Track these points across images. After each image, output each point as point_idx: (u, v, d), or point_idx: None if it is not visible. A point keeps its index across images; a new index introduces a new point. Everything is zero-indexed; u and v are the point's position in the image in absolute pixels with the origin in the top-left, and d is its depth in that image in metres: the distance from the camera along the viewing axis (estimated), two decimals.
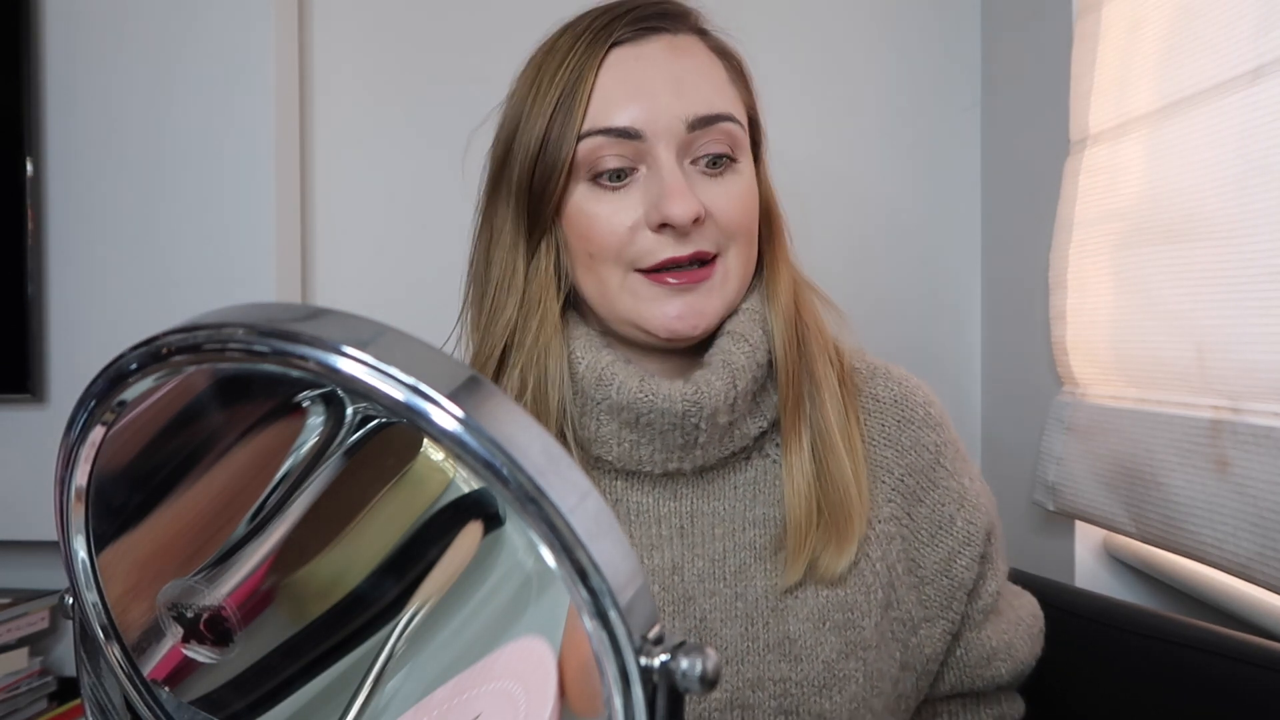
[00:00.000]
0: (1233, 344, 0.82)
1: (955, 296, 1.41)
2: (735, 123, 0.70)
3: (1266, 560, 0.78)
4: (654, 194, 0.67)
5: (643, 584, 0.28)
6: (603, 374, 0.69)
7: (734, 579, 0.71)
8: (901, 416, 0.76)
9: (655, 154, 0.68)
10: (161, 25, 1.35)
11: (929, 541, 0.75)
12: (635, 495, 0.73)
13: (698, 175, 0.69)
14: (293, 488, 0.35)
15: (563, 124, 0.68)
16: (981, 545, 0.76)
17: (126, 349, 0.31)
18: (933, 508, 0.75)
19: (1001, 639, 0.77)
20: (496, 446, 0.27)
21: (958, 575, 0.75)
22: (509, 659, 0.33)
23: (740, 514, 0.73)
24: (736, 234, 0.70)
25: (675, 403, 0.68)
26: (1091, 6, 1.08)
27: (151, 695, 0.38)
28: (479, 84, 1.49)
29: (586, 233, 0.69)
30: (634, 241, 0.68)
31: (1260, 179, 0.78)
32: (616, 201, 0.69)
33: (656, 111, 0.67)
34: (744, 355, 0.70)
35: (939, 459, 0.76)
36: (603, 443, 0.71)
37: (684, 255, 0.68)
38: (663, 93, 0.68)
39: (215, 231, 1.34)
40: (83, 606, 0.37)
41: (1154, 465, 0.93)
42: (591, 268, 0.70)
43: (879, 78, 1.42)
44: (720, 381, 0.69)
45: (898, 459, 0.75)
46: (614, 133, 0.67)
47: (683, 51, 0.70)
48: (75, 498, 0.35)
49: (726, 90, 0.72)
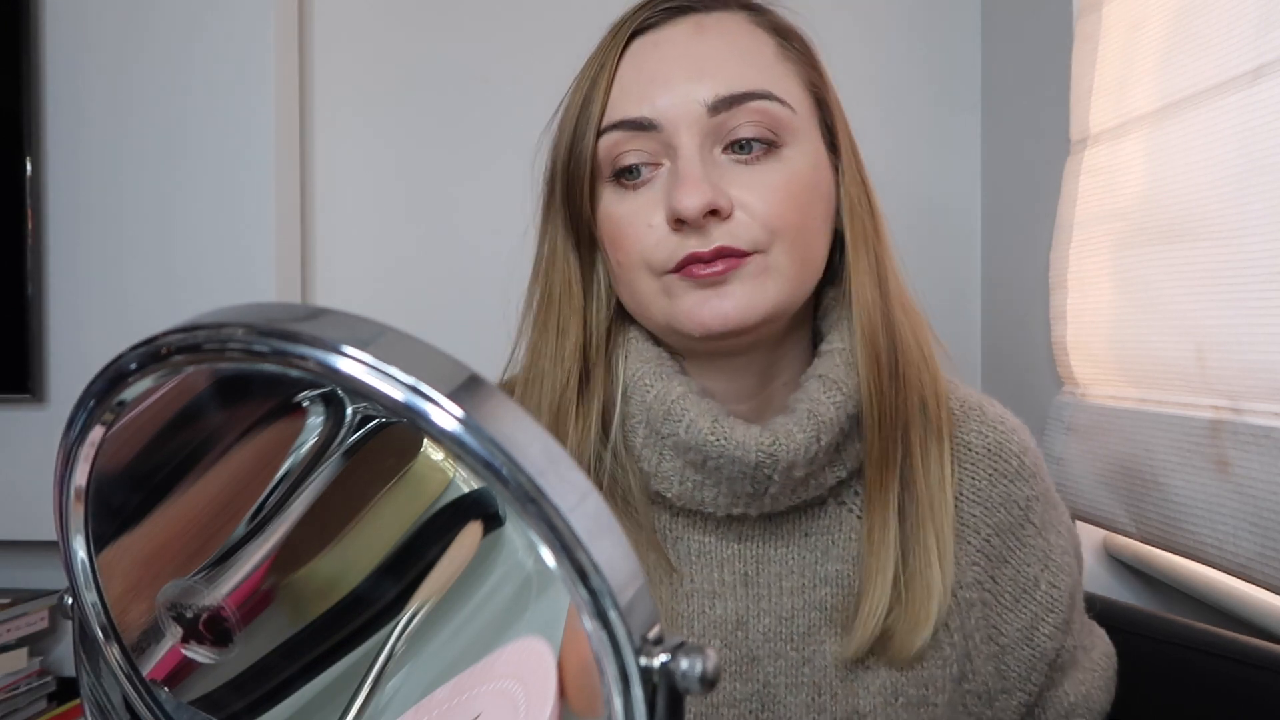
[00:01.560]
0: (1233, 344, 0.82)
1: (955, 296, 1.41)
2: (774, 100, 0.61)
3: (1266, 560, 0.78)
4: (670, 186, 0.61)
5: (643, 584, 0.28)
6: (672, 408, 0.63)
7: (802, 642, 0.65)
8: (994, 469, 0.68)
9: (676, 145, 0.61)
10: (161, 26, 1.35)
11: (1011, 606, 0.68)
12: (697, 535, 0.67)
13: (728, 164, 0.62)
14: (293, 488, 0.35)
15: (584, 122, 0.63)
16: (1065, 611, 0.68)
17: (126, 349, 0.31)
18: (1017, 569, 0.68)
19: (1079, 691, 0.71)
20: (496, 446, 0.27)
21: (1039, 644, 0.68)
22: (509, 659, 0.33)
23: (811, 568, 0.66)
24: (780, 229, 0.61)
25: (749, 452, 0.61)
26: (1091, 6, 1.08)
27: (151, 695, 0.38)
28: (479, 84, 1.49)
29: (613, 238, 0.64)
30: (657, 243, 0.62)
31: (1260, 179, 0.78)
32: (638, 201, 0.63)
33: (673, 98, 0.61)
34: (834, 406, 0.62)
35: (1028, 515, 0.68)
36: (663, 478, 0.65)
37: (706, 251, 0.60)
38: (680, 77, 0.61)
39: (215, 231, 1.34)
40: (82, 606, 0.37)
41: (1154, 465, 0.93)
42: (623, 278, 0.65)
43: (879, 78, 1.42)
44: (803, 435, 0.61)
45: (986, 517, 0.67)
46: (628, 125, 0.62)
47: (710, 29, 0.63)
48: (75, 498, 0.35)
49: (769, 66, 0.63)
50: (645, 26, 0.64)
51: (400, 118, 1.45)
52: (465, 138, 1.45)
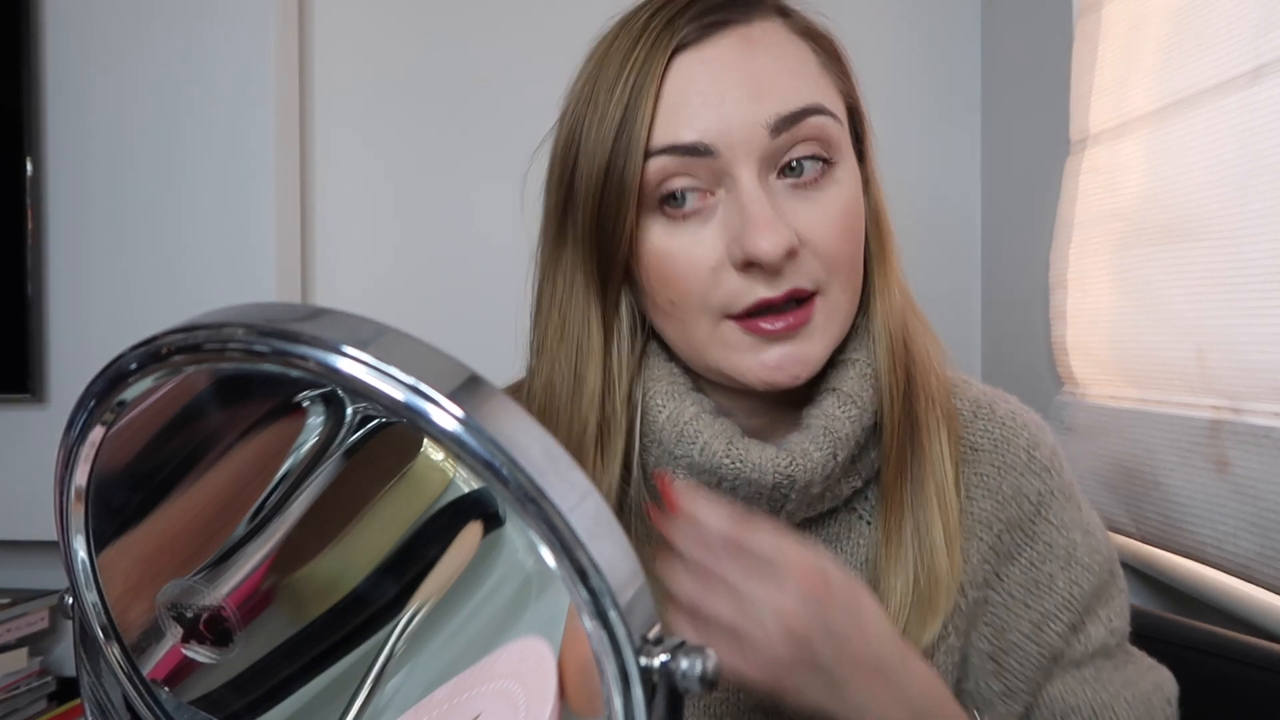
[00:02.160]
0: (1233, 344, 0.82)
1: (955, 296, 1.41)
2: (828, 115, 0.58)
3: (1266, 560, 0.78)
4: (735, 225, 0.56)
5: (643, 584, 0.28)
6: (685, 430, 0.61)
7: None
8: (1002, 463, 0.65)
9: (734, 173, 0.57)
10: (162, 26, 1.35)
11: (1021, 603, 0.65)
12: None
13: (787, 192, 0.58)
14: (293, 488, 0.35)
15: (626, 143, 0.57)
16: (1079, 613, 0.65)
17: (126, 349, 0.31)
18: (1030, 564, 0.65)
19: (1087, 696, 0.64)
20: (496, 446, 0.27)
21: (1048, 643, 0.64)
22: (509, 659, 0.33)
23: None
24: (838, 264, 0.59)
25: (765, 474, 0.59)
26: (1091, 6, 1.08)
27: (151, 695, 0.38)
28: (480, 83, 1.49)
29: (665, 276, 0.59)
30: (719, 284, 0.58)
31: (1261, 179, 0.78)
32: (692, 236, 0.58)
33: (729, 120, 0.56)
34: (850, 422, 0.61)
35: (1041, 510, 0.65)
36: None
37: (778, 296, 0.57)
38: (735, 97, 0.56)
39: (215, 231, 1.34)
40: (82, 606, 0.37)
41: (1154, 465, 0.93)
42: (674, 315, 0.60)
43: (879, 78, 1.42)
44: (820, 453, 0.60)
45: (998, 511, 0.65)
46: (681, 150, 0.56)
47: (757, 43, 0.58)
48: (75, 498, 0.35)
49: (817, 78, 0.60)
50: (687, 42, 0.58)
51: (400, 118, 1.45)
52: (465, 138, 1.45)
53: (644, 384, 0.63)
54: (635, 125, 0.57)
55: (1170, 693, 0.66)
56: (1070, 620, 0.65)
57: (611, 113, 0.58)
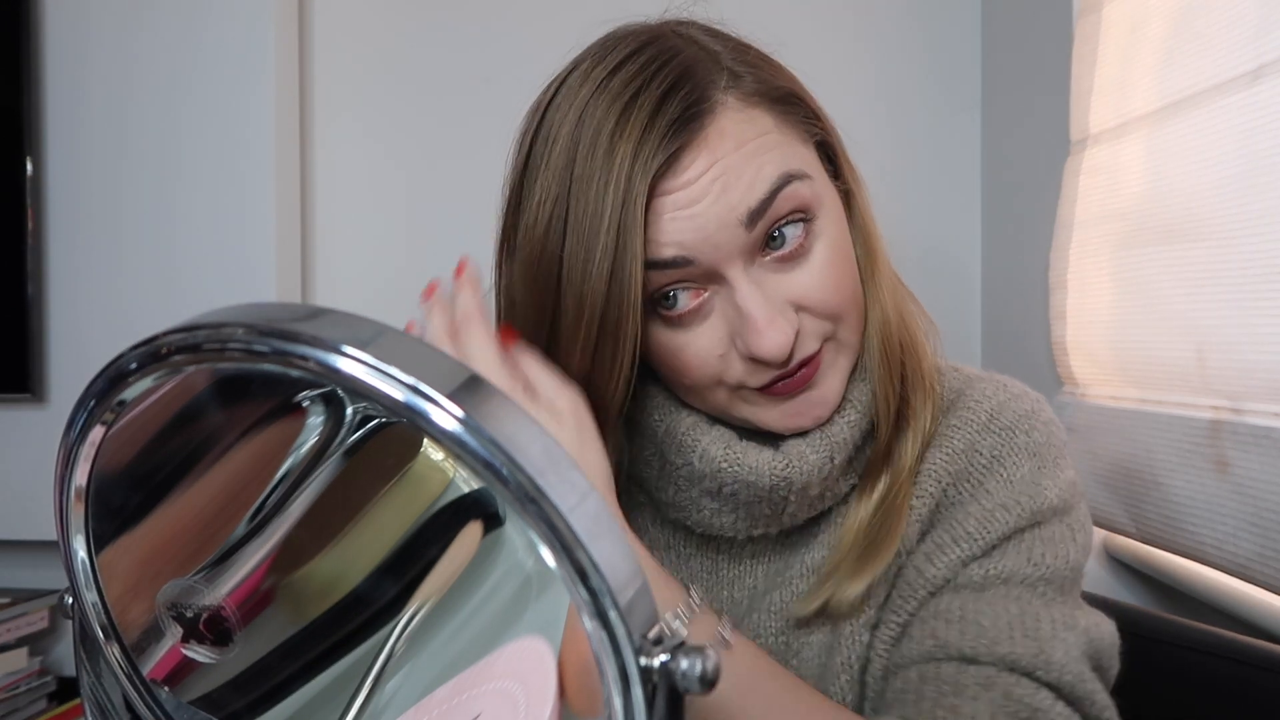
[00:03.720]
0: (1233, 344, 0.82)
1: (955, 297, 1.41)
2: (797, 179, 0.58)
3: (1266, 560, 0.78)
4: (734, 320, 0.58)
5: (643, 584, 0.28)
6: (683, 439, 0.62)
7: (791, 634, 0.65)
8: (959, 420, 0.65)
9: (721, 272, 0.57)
10: (161, 25, 1.35)
11: (937, 548, 0.62)
12: (710, 552, 0.67)
13: (775, 268, 0.58)
14: (293, 487, 0.35)
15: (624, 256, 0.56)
16: (983, 548, 0.61)
17: (126, 349, 0.31)
18: (962, 515, 0.62)
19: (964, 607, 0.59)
20: (496, 446, 0.27)
21: (929, 571, 0.61)
22: (509, 659, 0.33)
23: (799, 560, 0.66)
24: (840, 313, 0.60)
25: (763, 476, 0.60)
26: (1092, 6, 1.08)
27: (151, 695, 0.38)
28: (480, 83, 1.49)
29: (675, 367, 0.61)
30: (729, 367, 0.60)
31: (1261, 179, 0.78)
32: (692, 331, 0.59)
33: (706, 228, 0.56)
34: (848, 426, 0.62)
35: (996, 465, 0.63)
36: (680, 508, 0.65)
37: (790, 370, 0.59)
38: (706, 204, 0.56)
39: (215, 231, 1.34)
40: (82, 606, 0.37)
41: (1154, 465, 0.93)
42: (695, 392, 0.62)
43: (879, 78, 1.42)
44: (816, 455, 0.61)
45: (947, 465, 0.64)
46: (663, 265, 0.57)
47: (716, 146, 0.57)
48: (75, 497, 0.35)
49: (779, 144, 0.59)
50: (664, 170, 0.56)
51: (400, 118, 1.45)
52: (465, 138, 1.45)
53: (639, 403, 0.64)
54: (630, 255, 0.56)
55: (1093, 631, 0.59)
56: (965, 553, 0.61)
57: (600, 244, 0.56)
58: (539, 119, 0.62)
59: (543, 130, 0.61)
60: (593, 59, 0.60)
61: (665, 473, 0.64)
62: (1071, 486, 0.64)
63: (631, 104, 0.57)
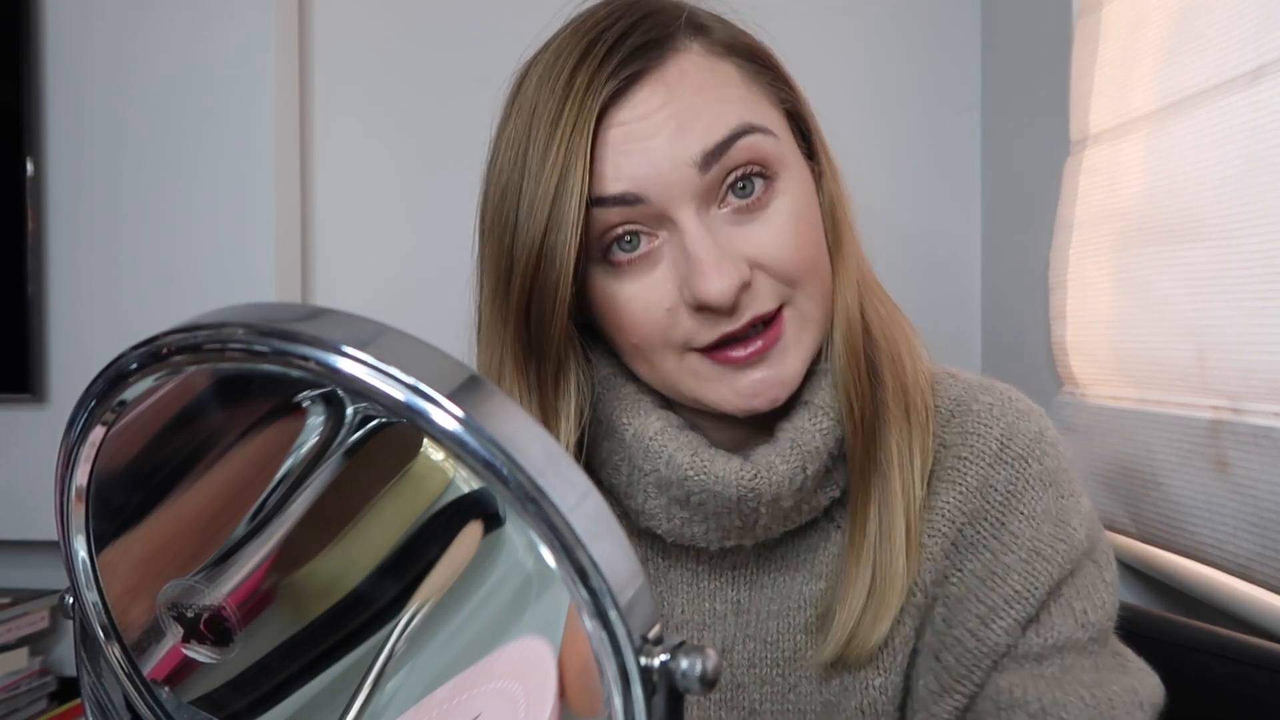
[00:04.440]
0: (1233, 344, 0.82)
1: (955, 297, 1.41)
2: (759, 132, 0.57)
3: (1266, 560, 0.78)
4: (683, 267, 0.56)
5: (643, 584, 0.28)
6: (650, 445, 0.60)
7: (787, 667, 0.63)
8: (970, 453, 0.62)
9: (672, 215, 0.56)
10: (161, 26, 1.35)
11: (972, 596, 0.60)
12: (690, 563, 0.65)
13: (731, 219, 0.57)
14: (293, 488, 0.35)
15: (564, 199, 0.55)
16: (1034, 607, 0.60)
17: (126, 349, 0.31)
18: (991, 557, 0.61)
19: (1037, 691, 0.58)
20: (496, 446, 0.27)
21: (990, 639, 0.59)
22: (509, 659, 0.33)
23: (797, 590, 0.64)
24: (799, 275, 0.58)
25: (729, 486, 0.58)
26: (1091, 6, 1.08)
27: (151, 695, 0.38)
28: (479, 83, 1.49)
29: (620, 323, 0.58)
30: (676, 324, 0.57)
31: (1261, 179, 0.78)
32: (642, 281, 0.57)
33: (657, 165, 0.55)
34: (821, 434, 0.59)
35: (1012, 500, 0.61)
36: (651, 515, 0.62)
37: (739, 328, 0.56)
38: (659, 140, 0.55)
39: (215, 231, 1.35)
40: (83, 606, 0.37)
41: (1154, 465, 0.93)
42: (639, 355, 0.60)
43: (879, 78, 1.42)
44: (786, 466, 0.58)
45: (961, 504, 0.62)
46: (611, 201, 0.55)
47: (674, 83, 0.56)
48: (75, 497, 0.35)
49: (742, 97, 0.58)
50: (610, 97, 0.56)
51: (400, 118, 1.45)
52: (465, 138, 1.44)
53: (605, 404, 0.62)
54: (570, 187, 0.55)
55: (1147, 698, 0.60)
56: (1021, 615, 0.60)
57: (546, 177, 0.55)
58: (516, 80, 0.62)
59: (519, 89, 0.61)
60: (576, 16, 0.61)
61: (634, 479, 0.62)
62: (1092, 518, 0.64)
63: (596, 41, 0.56)
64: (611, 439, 0.62)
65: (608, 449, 0.63)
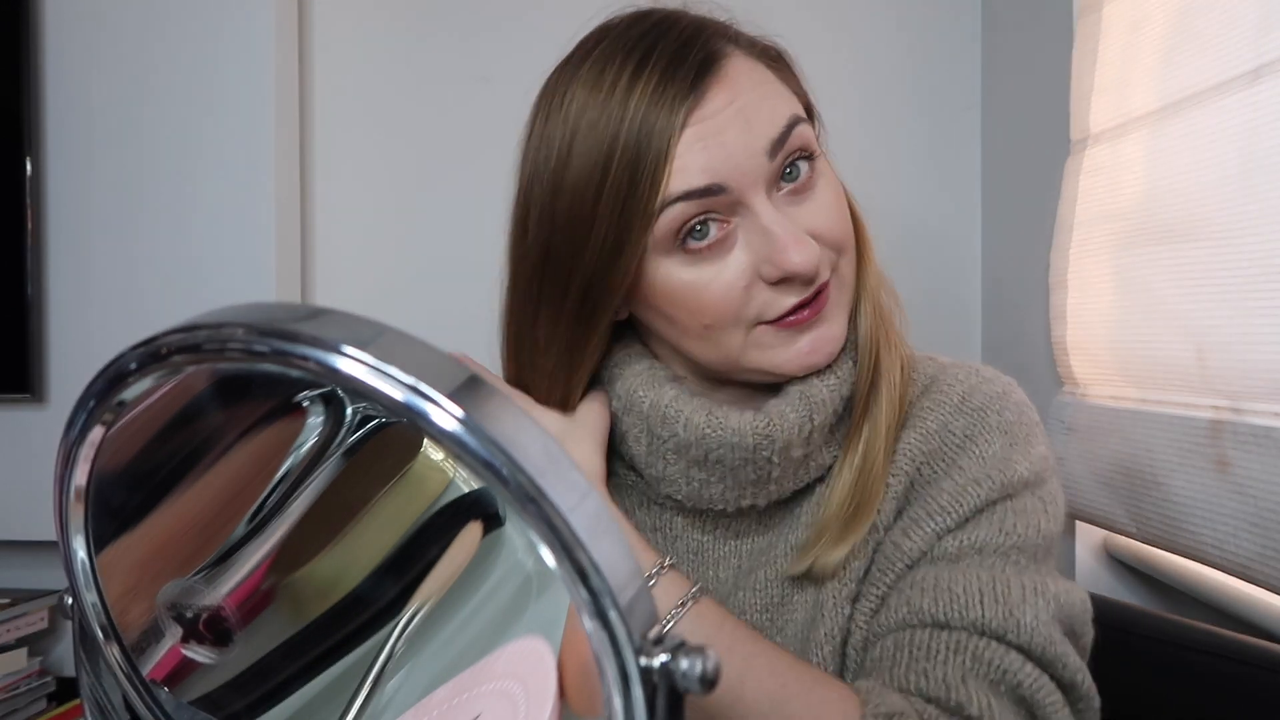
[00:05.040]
0: (1233, 344, 0.82)
1: (955, 296, 1.41)
2: (804, 122, 0.64)
3: (1266, 560, 0.78)
4: (760, 246, 0.61)
5: (643, 584, 0.28)
6: (667, 411, 0.65)
7: (776, 612, 0.68)
8: (932, 403, 0.68)
9: (747, 202, 0.61)
10: (162, 25, 1.35)
11: (912, 524, 0.64)
12: (696, 534, 0.70)
13: (790, 201, 0.63)
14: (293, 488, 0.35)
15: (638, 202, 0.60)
16: (955, 521, 0.63)
17: (126, 349, 0.31)
18: (938, 492, 0.65)
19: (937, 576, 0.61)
20: (496, 446, 0.27)
21: (905, 545, 0.64)
22: (509, 659, 0.33)
23: (784, 539, 0.69)
24: (843, 244, 0.65)
25: (745, 436, 0.63)
26: (1091, 6, 1.08)
27: (151, 695, 0.38)
28: (480, 83, 1.49)
29: (695, 306, 0.63)
30: (751, 299, 0.62)
31: (1261, 179, 0.78)
32: (717, 264, 0.62)
33: (734, 157, 0.60)
34: (827, 389, 0.65)
35: (969, 443, 0.66)
36: (671, 481, 0.67)
37: (810, 296, 0.63)
38: (733, 134, 0.60)
39: (215, 231, 1.34)
40: (82, 606, 0.37)
41: (1154, 465, 0.93)
42: (708, 337, 0.64)
43: (879, 78, 1.42)
44: (795, 414, 0.64)
45: (920, 444, 0.67)
46: (697, 194, 0.60)
47: (733, 80, 0.62)
48: (75, 498, 0.35)
49: (779, 92, 0.64)
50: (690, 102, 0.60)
51: (400, 117, 1.45)
52: (465, 137, 1.45)
53: (623, 382, 0.68)
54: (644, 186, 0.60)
55: (1057, 595, 0.61)
56: (940, 526, 0.63)
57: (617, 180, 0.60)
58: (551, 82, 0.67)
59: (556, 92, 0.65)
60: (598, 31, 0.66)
61: (653, 448, 0.67)
62: (1043, 460, 0.67)
63: (650, 53, 0.62)
64: (631, 413, 0.67)
65: (628, 423, 0.68)
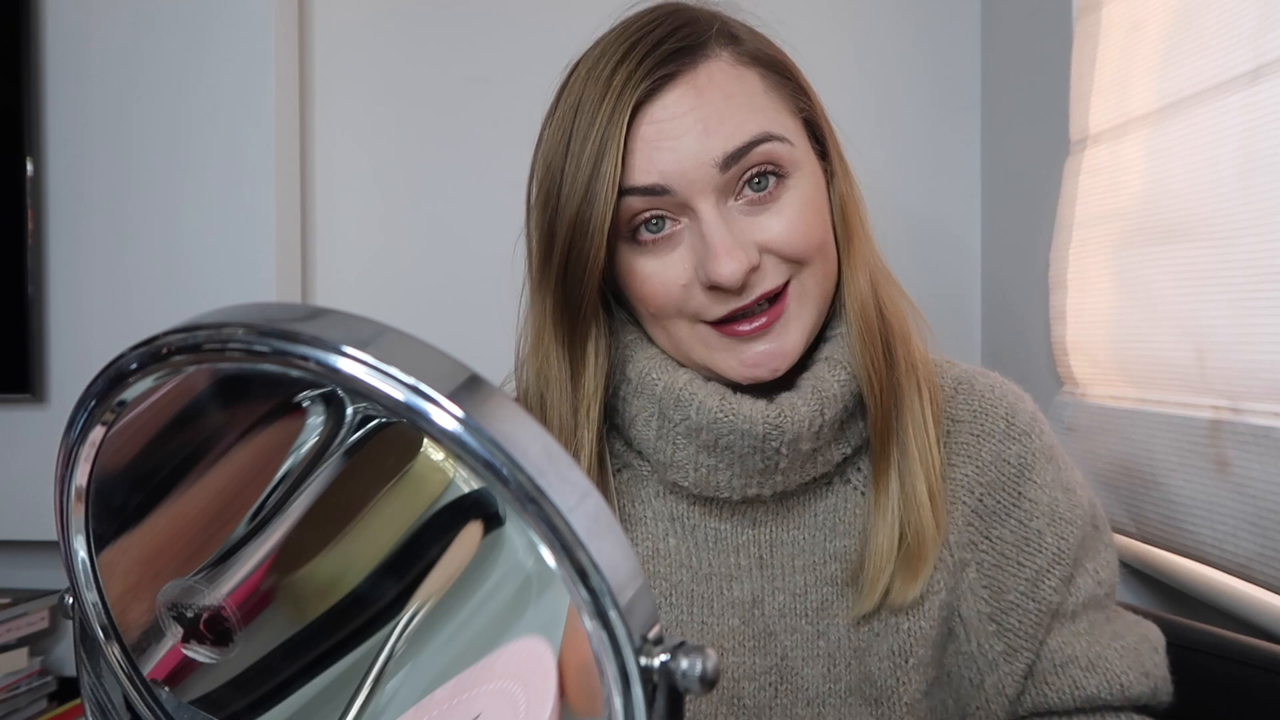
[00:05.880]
0: (1233, 344, 0.82)
1: (955, 296, 1.41)
2: (775, 140, 0.64)
3: (1266, 560, 0.78)
4: (699, 250, 0.63)
5: (643, 584, 0.28)
6: (681, 394, 0.66)
7: (816, 616, 0.68)
8: (981, 430, 0.70)
9: (693, 206, 0.63)
10: (162, 26, 1.35)
11: (1014, 562, 0.68)
12: (713, 522, 0.70)
13: (746, 210, 0.64)
14: (293, 488, 0.35)
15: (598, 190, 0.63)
16: (1069, 566, 0.69)
17: (126, 349, 0.31)
18: (1018, 524, 0.69)
19: (1082, 647, 0.68)
20: (496, 446, 0.27)
21: (1044, 598, 0.68)
22: (509, 659, 0.33)
23: (821, 545, 0.69)
24: (805, 256, 0.65)
25: (756, 424, 0.63)
26: (1091, 6, 1.08)
27: (151, 695, 0.38)
28: (479, 83, 1.49)
29: (643, 293, 0.66)
30: (690, 298, 0.65)
31: (1260, 179, 0.78)
32: (662, 258, 0.65)
33: (683, 162, 0.62)
34: (838, 384, 0.66)
35: (1024, 472, 0.69)
36: (678, 467, 0.67)
37: (748, 303, 0.64)
38: (687, 140, 0.62)
39: (215, 231, 1.34)
40: (83, 606, 0.37)
41: (1154, 465, 0.93)
42: (657, 322, 0.67)
43: (879, 78, 1.42)
44: (806, 407, 0.64)
45: (978, 476, 0.69)
46: (641, 191, 0.63)
47: (704, 88, 0.63)
48: (75, 498, 0.35)
49: (762, 107, 0.65)
50: (645, 95, 0.63)
51: (400, 117, 1.45)
52: (465, 137, 1.45)
53: (635, 365, 0.69)
54: (604, 173, 0.63)
55: (1157, 642, 0.71)
56: (1062, 574, 0.68)
57: (585, 163, 0.63)
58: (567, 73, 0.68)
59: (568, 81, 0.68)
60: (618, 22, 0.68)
61: (663, 432, 0.67)
62: (1085, 485, 0.73)
63: (637, 43, 0.64)
64: (641, 396, 0.68)
65: (637, 406, 0.69)
